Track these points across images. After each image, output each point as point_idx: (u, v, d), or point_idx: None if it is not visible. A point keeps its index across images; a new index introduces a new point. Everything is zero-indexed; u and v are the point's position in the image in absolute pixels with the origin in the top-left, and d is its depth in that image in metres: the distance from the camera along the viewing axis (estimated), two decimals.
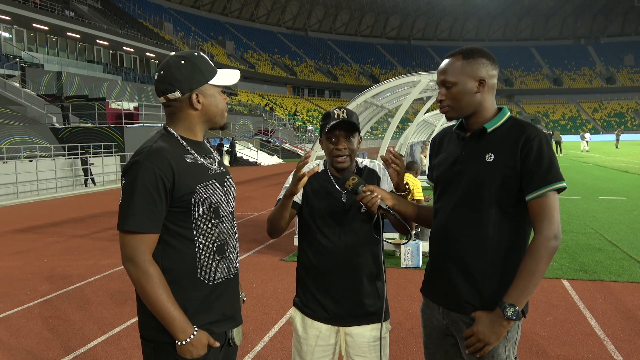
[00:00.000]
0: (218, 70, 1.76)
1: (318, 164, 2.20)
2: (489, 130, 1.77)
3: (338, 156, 2.06)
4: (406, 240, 2.23)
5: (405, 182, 2.04)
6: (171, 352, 1.66)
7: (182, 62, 1.71)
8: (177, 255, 1.68)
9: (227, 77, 1.77)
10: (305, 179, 1.89)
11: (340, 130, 2.05)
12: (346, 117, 2.05)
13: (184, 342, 1.63)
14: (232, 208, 1.84)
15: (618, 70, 75.72)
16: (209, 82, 1.72)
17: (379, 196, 1.91)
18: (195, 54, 1.75)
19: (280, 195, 2.13)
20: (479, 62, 1.76)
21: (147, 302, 1.62)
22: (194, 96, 1.71)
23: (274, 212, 2.05)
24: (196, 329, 1.66)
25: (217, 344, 1.71)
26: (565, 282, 5.34)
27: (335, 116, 2.05)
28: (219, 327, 1.74)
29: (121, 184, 1.67)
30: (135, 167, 1.62)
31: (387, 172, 2.14)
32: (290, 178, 2.13)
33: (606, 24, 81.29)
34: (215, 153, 1.86)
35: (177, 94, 1.70)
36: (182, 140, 1.74)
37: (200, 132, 1.79)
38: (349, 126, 2.05)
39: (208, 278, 1.72)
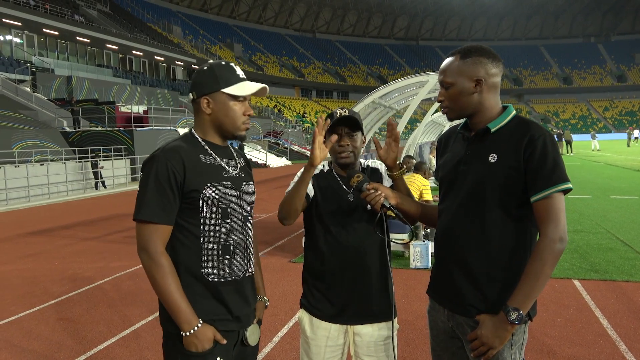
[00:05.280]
0: (243, 82, 1.80)
1: (323, 165, 2.21)
2: (493, 130, 1.74)
3: (341, 152, 2.09)
4: (408, 240, 2.21)
5: (398, 162, 2.08)
6: (177, 344, 1.71)
7: (205, 68, 1.81)
8: (182, 249, 1.74)
9: (244, 88, 1.79)
10: (328, 144, 1.95)
11: (342, 127, 2.09)
12: (348, 114, 2.09)
13: (188, 334, 1.67)
14: (246, 212, 1.86)
15: (629, 68, 74.93)
16: (222, 90, 1.77)
17: (383, 194, 1.91)
18: (223, 63, 1.82)
19: (290, 188, 2.12)
20: (477, 62, 1.72)
21: (157, 291, 1.69)
22: (203, 101, 1.78)
23: (290, 191, 2.03)
24: (201, 321, 1.70)
25: (224, 341, 1.74)
26: (576, 282, 5.29)
27: (338, 115, 2.10)
28: (222, 325, 1.76)
29: (139, 177, 1.77)
30: (151, 162, 1.72)
31: None
32: (299, 173, 2.14)
33: (616, 21, 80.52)
34: (240, 159, 1.92)
35: (192, 96, 1.82)
36: (202, 142, 1.81)
37: (216, 136, 1.84)
38: (351, 123, 2.09)
39: (210, 275, 1.75)
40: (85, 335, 4.31)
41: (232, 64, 1.82)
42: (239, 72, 1.81)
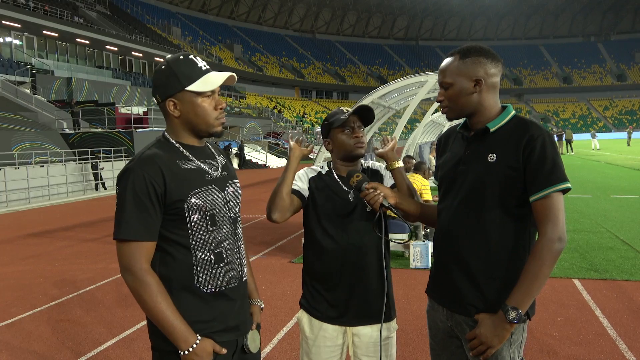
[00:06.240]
0: (206, 74, 1.67)
1: (322, 167, 2.21)
2: (492, 129, 1.75)
3: (356, 143, 2.11)
4: (408, 240, 2.24)
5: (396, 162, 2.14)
6: None
7: (163, 67, 1.67)
8: (173, 263, 1.64)
9: (209, 82, 1.66)
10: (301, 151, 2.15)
11: (355, 120, 2.12)
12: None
13: (186, 352, 1.58)
14: (234, 214, 1.76)
15: (629, 67, 74.89)
16: (187, 89, 1.64)
17: (382, 194, 1.91)
18: (181, 57, 1.67)
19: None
20: (476, 62, 1.73)
21: (147, 312, 1.58)
22: (169, 103, 1.66)
23: (278, 181, 2.09)
24: (199, 337, 1.61)
25: (224, 351, 1.66)
26: (577, 282, 5.29)
27: (345, 110, 2.13)
28: (221, 336, 1.68)
29: (116, 192, 1.64)
30: (127, 174, 1.60)
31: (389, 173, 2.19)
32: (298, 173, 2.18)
33: (616, 21, 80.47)
34: (220, 157, 1.81)
35: (157, 100, 1.69)
36: (178, 146, 1.69)
37: (191, 137, 1.72)
38: (366, 116, 2.14)
39: (205, 286, 1.66)
40: (85, 337, 4.31)
41: (191, 56, 1.68)
42: (201, 63, 1.67)
